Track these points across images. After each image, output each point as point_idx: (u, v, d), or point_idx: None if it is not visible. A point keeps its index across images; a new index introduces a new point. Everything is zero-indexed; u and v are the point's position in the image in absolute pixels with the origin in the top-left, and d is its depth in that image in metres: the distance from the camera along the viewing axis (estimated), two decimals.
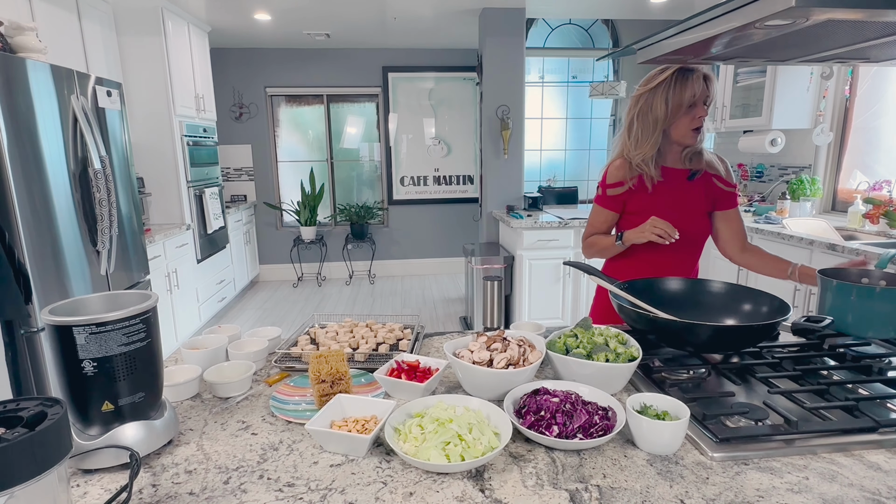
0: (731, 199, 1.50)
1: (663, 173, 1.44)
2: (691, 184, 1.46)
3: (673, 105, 1.35)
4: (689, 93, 1.33)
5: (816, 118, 3.33)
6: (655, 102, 1.37)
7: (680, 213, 1.44)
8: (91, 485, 0.72)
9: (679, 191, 1.45)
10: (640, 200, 1.46)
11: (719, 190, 1.48)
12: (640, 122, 1.41)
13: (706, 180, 1.48)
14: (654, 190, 1.45)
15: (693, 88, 1.33)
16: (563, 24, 5.47)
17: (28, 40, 2.25)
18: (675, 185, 1.45)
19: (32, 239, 2.04)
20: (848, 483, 0.70)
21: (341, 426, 0.81)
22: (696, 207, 1.46)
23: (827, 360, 1.07)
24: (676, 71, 1.34)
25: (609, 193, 1.48)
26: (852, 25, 0.88)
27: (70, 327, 0.70)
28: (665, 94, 1.35)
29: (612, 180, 1.47)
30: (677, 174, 1.45)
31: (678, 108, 1.35)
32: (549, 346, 1.00)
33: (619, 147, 1.49)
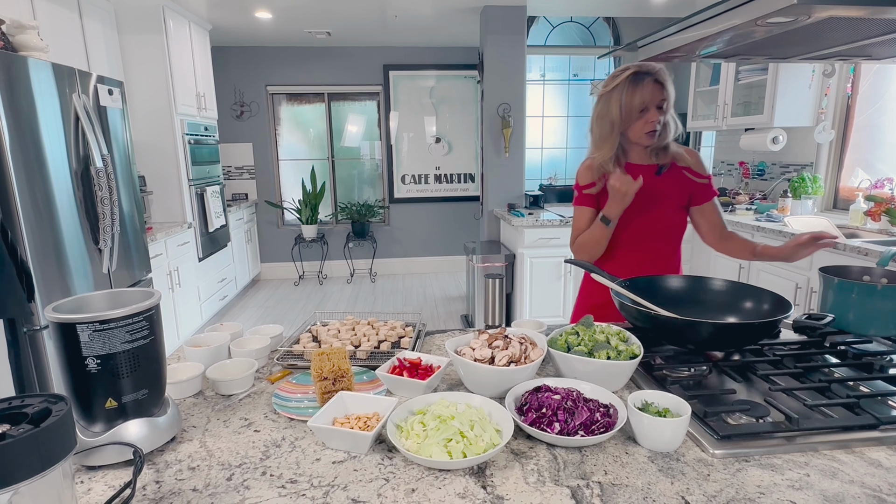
0: (706, 191, 1.50)
1: (630, 170, 1.44)
2: (660, 178, 1.47)
3: (625, 109, 1.37)
4: (638, 98, 1.35)
5: (818, 116, 3.33)
6: (611, 106, 1.39)
7: (650, 208, 1.45)
8: (95, 481, 0.72)
9: (647, 186, 1.45)
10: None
11: (693, 183, 1.49)
12: (598, 124, 1.43)
13: (677, 174, 1.48)
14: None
15: (643, 94, 1.34)
16: (564, 22, 5.46)
17: (30, 39, 2.25)
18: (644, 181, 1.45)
19: (35, 237, 2.04)
20: (849, 480, 0.70)
21: (343, 423, 0.81)
22: (668, 201, 1.47)
23: (828, 358, 1.08)
24: (631, 75, 1.36)
25: (585, 192, 1.50)
26: (854, 23, 0.88)
27: (74, 325, 0.70)
28: (619, 98, 1.37)
29: (584, 182, 1.49)
30: (644, 170, 1.45)
31: (630, 113, 1.37)
32: (550, 344, 1.01)
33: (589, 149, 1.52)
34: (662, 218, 1.47)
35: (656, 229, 1.48)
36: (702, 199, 1.50)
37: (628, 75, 1.36)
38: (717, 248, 1.55)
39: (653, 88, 1.35)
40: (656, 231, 1.48)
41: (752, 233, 3.13)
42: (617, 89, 1.37)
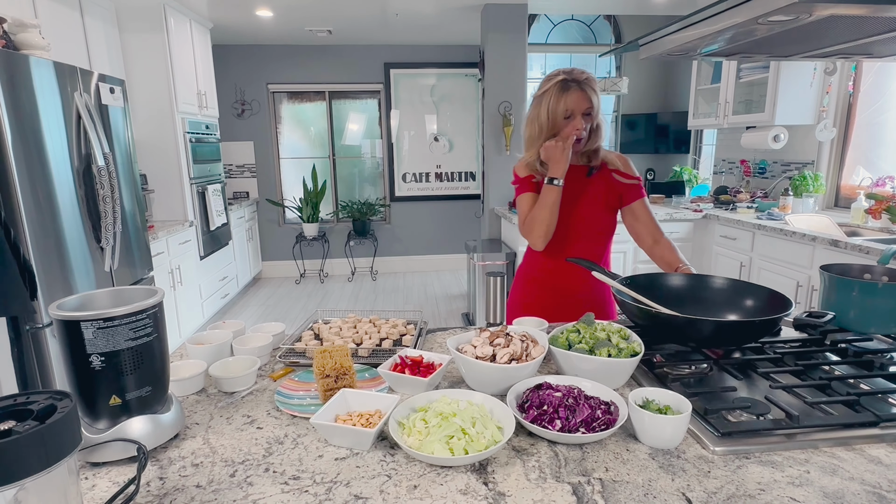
0: (634, 191, 1.52)
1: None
2: (590, 179, 1.51)
3: (552, 115, 1.40)
4: (562, 106, 1.38)
5: (820, 114, 3.32)
6: (540, 110, 1.42)
7: (580, 207, 1.49)
8: (99, 477, 0.73)
9: (578, 186, 1.49)
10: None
11: (621, 184, 1.51)
12: (528, 126, 1.47)
13: (606, 176, 1.52)
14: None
15: (566, 102, 1.37)
16: (565, 20, 5.46)
17: (31, 37, 2.25)
18: (574, 181, 1.48)
19: (37, 235, 2.05)
20: (849, 477, 0.70)
21: (346, 420, 0.82)
22: (597, 202, 1.50)
23: (829, 356, 1.08)
24: (560, 82, 1.38)
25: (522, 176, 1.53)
26: (855, 21, 0.88)
27: (78, 322, 0.70)
28: (547, 103, 1.40)
29: (523, 174, 1.53)
30: (576, 171, 1.49)
31: (556, 118, 1.40)
32: (551, 342, 1.01)
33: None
34: (592, 217, 1.50)
35: (586, 228, 1.50)
36: (630, 198, 1.52)
37: (557, 82, 1.39)
38: (650, 253, 1.54)
39: (579, 96, 1.38)
40: (586, 230, 1.51)
41: (754, 231, 3.13)
42: (546, 94, 1.41)
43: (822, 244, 2.61)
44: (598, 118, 1.45)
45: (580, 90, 1.38)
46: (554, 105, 1.39)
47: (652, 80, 5.54)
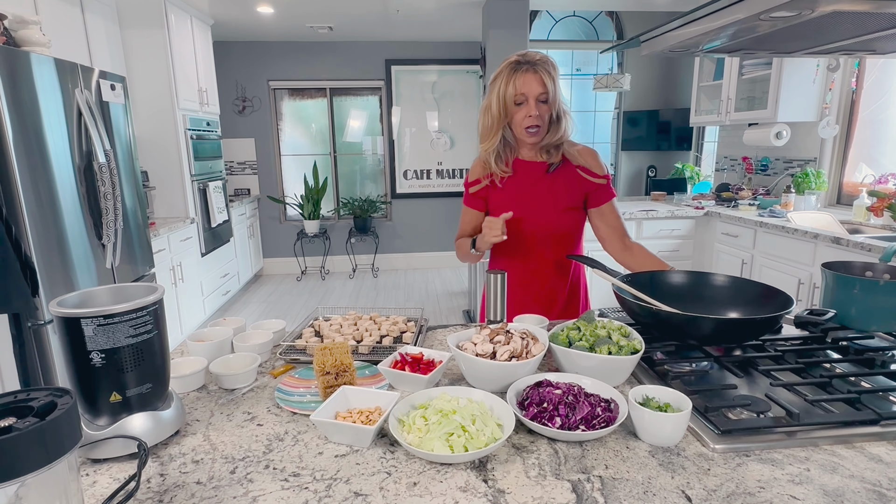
0: (603, 192, 1.42)
1: (519, 166, 1.40)
2: (551, 176, 1.39)
3: (503, 99, 1.29)
4: (511, 90, 1.28)
5: (822, 111, 3.31)
6: (494, 95, 1.32)
7: (537, 206, 1.38)
8: (100, 474, 0.73)
9: (536, 184, 1.39)
10: (496, 197, 1.43)
11: (589, 183, 1.41)
12: (483, 116, 1.37)
13: (571, 173, 1.40)
14: (507, 185, 1.41)
15: (517, 85, 1.27)
16: (567, 17, 5.44)
17: (32, 34, 2.25)
18: (532, 178, 1.39)
19: (38, 232, 2.05)
20: (849, 475, 0.70)
21: (346, 417, 0.82)
22: (557, 201, 1.39)
23: (830, 353, 1.08)
24: (511, 63, 1.28)
25: (471, 191, 1.46)
26: (858, 17, 0.87)
27: (78, 319, 0.70)
28: (498, 86, 1.30)
29: (472, 178, 1.45)
30: (534, 167, 1.39)
31: (508, 106, 1.30)
32: (551, 339, 1.01)
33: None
34: (551, 220, 1.40)
35: (546, 232, 1.40)
36: (599, 200, 1.42)
37: (508, 64, 1.29)
38: (617, 257, 1.47)
39: (531, 79, 1.27)
40: (546, 233, 1.40)
41: (756, 229, 3.13)
42: (498, 78, 1.30)
43: (823, 241, 2.60)
44: (559, 108, 1.33)
45: (533, 72, 1.26)
46: (504, 89, 1.28)
47: (654, 76, 5.52)
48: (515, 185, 1.41)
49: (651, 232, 3.58)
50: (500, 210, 1.37)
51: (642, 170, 5.75)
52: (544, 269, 1.45)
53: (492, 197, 1.44)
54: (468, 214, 1.49)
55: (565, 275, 1.48)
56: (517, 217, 1.35)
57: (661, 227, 3.59)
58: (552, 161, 1.40)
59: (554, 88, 1.29)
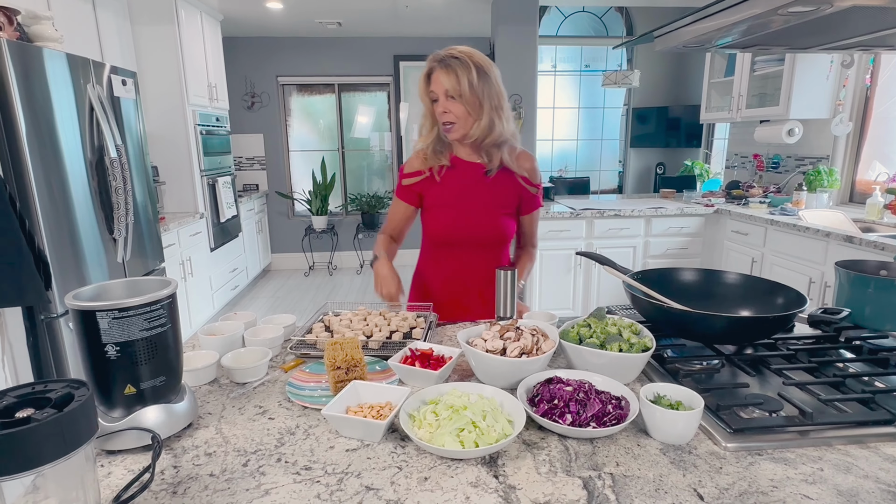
0: (534, 201, 1.44)
1: (457, 164, 1.38)
2: (491, 181, 1.38)
3: (422, 96, 1.32)
4: (423, 86, 1.30)
5: (835, 108, 3.27)
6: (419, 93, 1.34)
7: (471, 208, 1.37)
8: (115, 465, 0.74)
9: (474, 185, 1.37)
10: (432, 193, 1.40)
11: (526, 192, 1.41)
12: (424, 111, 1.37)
13: (510, 179, 1.39)
14: (445, 181, 1.38)
15: (425, 80, 1.29)
16: (576, 12, 5.40)
17: (45, 29, 2.27)
18: (471, 179, 1.37)
19: (51, 227, 2.08)
20: (863, 475, 0.69)
21: (357, 412, 0.82)
22: (493, 205, 1.38)
23: (843, 353, 1.07)
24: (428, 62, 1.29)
25: (405, 183, 1.43)
26: (877, 12, 0.86)
27: (94, 312, 0.71)
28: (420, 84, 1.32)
29: (410, 170, 1.42)
30: (473, 168, 1.38)
31: (426, 101, 1.32)
32: (562, 336, 1.01)
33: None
34: (488, 224, 1.38)
35: (472, 233, 1.38)
36: (528, 209, 1.44)
37: (427, 61, 1.29)
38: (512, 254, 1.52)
39: (439, 76, 1.26)
40: (473, 235, 1.39)
41: (766, 227, 3.10)
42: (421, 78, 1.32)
43: (836, 240, 2.58)
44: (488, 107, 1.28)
45: (442, 68, 1.25)
46: (421, 86, 1.31)
47: (664, 72, 5.47)
48: (454, 182, 1.38)
49: (660, 229, 3.56)
50: (438, 206, 1.39)
51: (651, 167, 5.72)
52: (474, 271, 1.42)
53: (429, 192, 1.41)
54: (399, 206, 1.46)
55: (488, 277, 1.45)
56: (453, 216, 1.37)
57: (670, 225, 3.57)
58: (491, 165, 1.37)
59: (468, 85, 1.25)
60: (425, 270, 1.52)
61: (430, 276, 1.50)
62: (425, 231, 1.46)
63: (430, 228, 1.44)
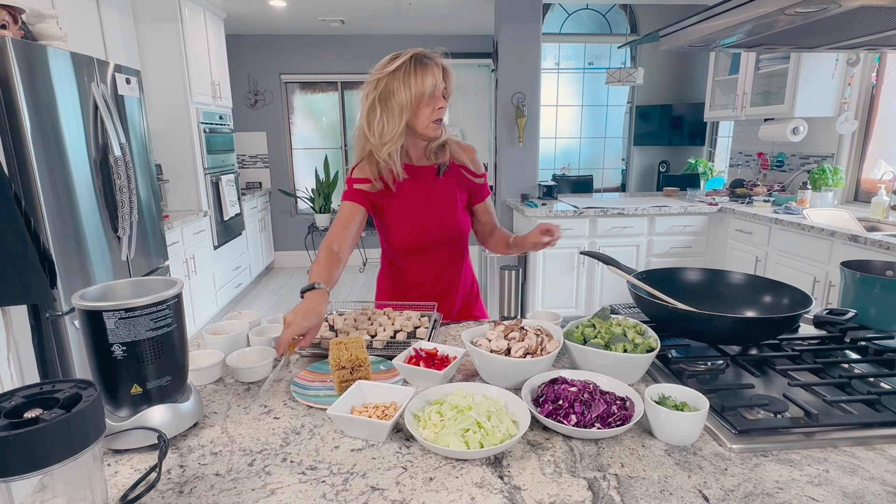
0: (481, 190, 1.44)
1: (409, 172, 1.34)
2: (442, 180, 1.37)
3: (415, 91, 1.23)
4: (430, 80, 1.23)
5: (841, 106, 3.25)
6: (397, 87, 1.24)
7: (432, 213, 1.36)
8: (121, 464, 0.74)
9: (430, 189, 1.35)
10: (391, 207, 1.36)
11: (471, 182, 1.41)
12: (383, 107, 1.26)
13: (456, 173, 1.40)
14: (401, 191, 1.35)
15: (434, 76, 1.24)
16: (579, 10, 5.38)
17: (49, 28, 2.27)
18: (425, 183, 1.35)
19: (56, 225, 2.08)
20: (869, 477, 0.69)
21: (361, 412, 0.82)
22: (450, 203, 1.38)
23: (848, 354, 1.06)
24: (416, 55, 1.25)
25: (356, 187, 1.34)
26: (884, 12, 0.85)
27: (100, 312, 0.71)
28: (406, 78, 1.23)
29: (360, 175, 1.34)
30: (425, 171, 1.36)
31: (420, 96, 1.23)
32: (566, 336, 1.01)
33: (359, 147, 1.34)
34: (446, 222, 1.38)
35: (440, 234, 1.38)
36: (478, 199, 1.43)
37: (411, 56, 1.25)
38: (487, 245, 1.50)
39: (439, 72, 1.25)
40: (440, 236, 1.39)
41: (770, 225, 3.09)
42: (400, 71, 1.24)
43: (840, 239, 2.57)
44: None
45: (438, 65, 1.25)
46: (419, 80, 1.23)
47: (667, 70, 5.45)
48: (412, 191, 1.36)
49: (663, 228, 3.56)
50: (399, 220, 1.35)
51: (654, 165, 5.70)
52: (445, 269, 1.43)
53: (390, 205, 1.37)
54: (351, 209, 1.34)
55: (458, 275, 1.47)
56: (419, 221, 1.35)
57: (674, 224, 3.56)
58: (441, 161, 1.37)
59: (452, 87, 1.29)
60: (393, 280, 1.48)
61: (401, 284, 1.46)
62: (389, 241, 1.42)
63: (395, 238, 1.39)
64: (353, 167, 1.38)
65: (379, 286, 1.53)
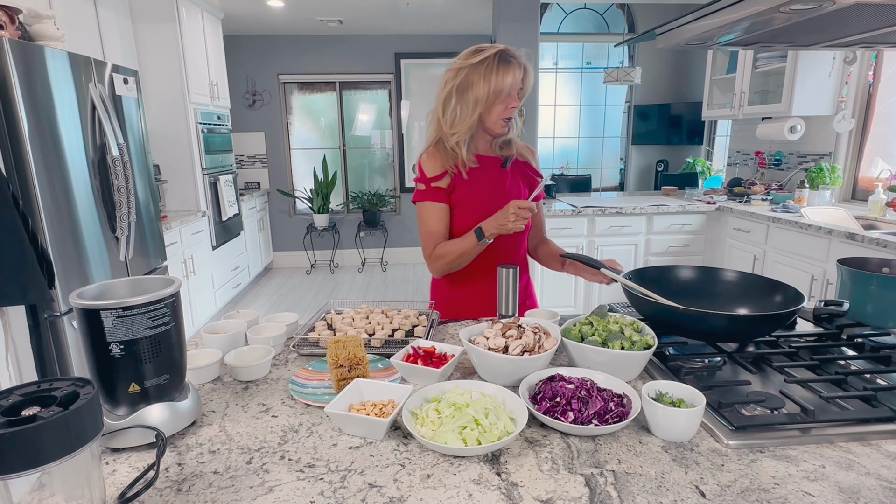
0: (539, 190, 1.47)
1: (479, 161, 1.38)
2: (507, 172, 1.41)
3: (494, 87, 1.25)
4: (510, 78, 1.25)
5: (838, 104, 3.26)
6: (476, 80, 1.26)
7: (500, 201, 1.35)
8: (119, 463, 0.74)
9: (497, 179, 1.39)
10: (461, 191, 1.37)
11: (534, 180, 1.44)
12: (460, 97, 1.29)
13: (520, 168, 1.43)
14: (472, 178, 1.37)
15: (514, 75, 1.25)
16: (577, 9, 5.39)
17: (46, 28, 2.27)
18: (492, 172, 1.38)
19: (54, 225, 2.08)
20: (865, 472, 0.70)
21: (359, 410, 0.82)
22: (515, 193, 1.40)
23: (845, 350, 1.07)
24: (500, 52, 1.26)
25: (434, 185, 1.36)
26: (880, 9, 0.86)
27: (98, 311, 0.71)
28: (487, 73, 1.25)
29: (434, 172, 1.36)
30: (491, 162, 1.39)
31: (497, 93, 1.26)
32: (564, 334, 1.01)
33: (432, 130, 1.38)
34: None
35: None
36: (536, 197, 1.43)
37: (496, 52, 1.26)
38: (533, 253, 1.50)
39: (520, 73, 1.27)
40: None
41: (768, 224, 3.09)
42: (484, 63, 1.26)
43: (838, 237, 2.57)
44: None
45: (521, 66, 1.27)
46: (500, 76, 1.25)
47: (665, 69, 5.46)
48: (480, 178, 1.38)
49: (662, 227, 3.56)
50: (468, 204, 1.37)
51: (653, 164, 5.71)
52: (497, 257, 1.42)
53: (457, 190, 1.38)
54: (436, 211, 1.36)
55: (524, 271, 1.48)
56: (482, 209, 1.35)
57: (672, 223, 3.56)
58: (507, 155, 1.41)
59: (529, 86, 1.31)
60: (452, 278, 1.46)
61: (458, 279, 1.44)
62: (455, 226, 1.41)
63: (462, 222, 1.39)
64: (421, 155, 1.41)
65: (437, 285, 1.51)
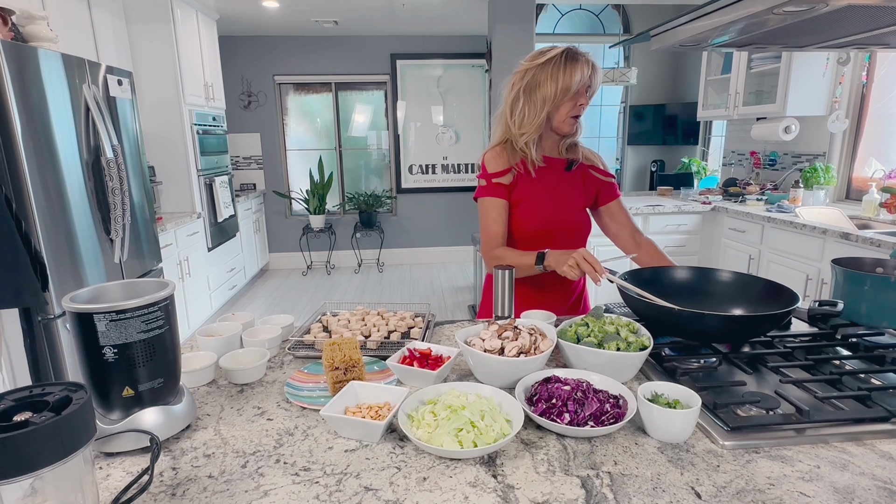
0: (611, 189, 1.46)
1: (544, 160, 1.39)
2: (569, 175, 1.42)
3: (562, 85, 1.27)
4: (578, 76, 1.26)
5: (832, 105, 3.28)
6: (544, 79, 1.29)
7: (561, 203, 1.40)
8: (113, 467, 0.74)
9: (559, 180, 1.40)
10: (523, 188, 1.39)
11: (598, 181, 1.44)
12: (527, 98, 1.32)
13: (583, 172, 1.44)
14: (538, 176, 1.39)
15: (582, 73, 1.26)
16: (573, 10, 5.40)
17: (39, 29, 2.26)
18: (557, 174, 1.40)
19: (47, 227, 2.07)
20: (860, 472, 0.70)
21: (355, 412, 0.82)
22: (575, 199, 1.42)
23: (839, 350, 1.07)
24: (566, 51, 1.28)
25: (495, 181, 1.38)
26: (872, 11, 0.86)
27: (91, 315, 0.71)
28: (555, 72, 1.27)
29: (497, 169, 1.38)
30: (556, 163, 1.41)
31: (565, 91, 1.27)
32: (560, 335, 1.01)
33: (499, 130, 1.41)
34: (573, 215, 1.42)
35: (566, 226, 1.41)
36: (608, 197, 1.46)
37: (562, 52, 1.28)
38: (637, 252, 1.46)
39: (588, 70, 1.28)
40: (566, 228, 1.41)
41: (763, 224, 3.11)
42: (552, 62, 1.28)
43: (832, 237, 2.59)
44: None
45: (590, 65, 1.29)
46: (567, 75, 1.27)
47: (661, 70, 5.48)
48: (545, 177, 1.40)
49: (657, 227, 3.57)
50: (529, 201, 1.38)
51: (648, 164, 5.72)
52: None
53: (520, 187, 1.39)
54: (496, 207, 1.38)
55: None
56: (543, 210, 1.37)
57: (668, 223, 3.57)
58: (572, 158, 1.43)
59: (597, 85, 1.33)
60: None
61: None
62: (515, 224, 1.41)
63: (524, 220, 1.39)
64: (485, 153, 1.42)
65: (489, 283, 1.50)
